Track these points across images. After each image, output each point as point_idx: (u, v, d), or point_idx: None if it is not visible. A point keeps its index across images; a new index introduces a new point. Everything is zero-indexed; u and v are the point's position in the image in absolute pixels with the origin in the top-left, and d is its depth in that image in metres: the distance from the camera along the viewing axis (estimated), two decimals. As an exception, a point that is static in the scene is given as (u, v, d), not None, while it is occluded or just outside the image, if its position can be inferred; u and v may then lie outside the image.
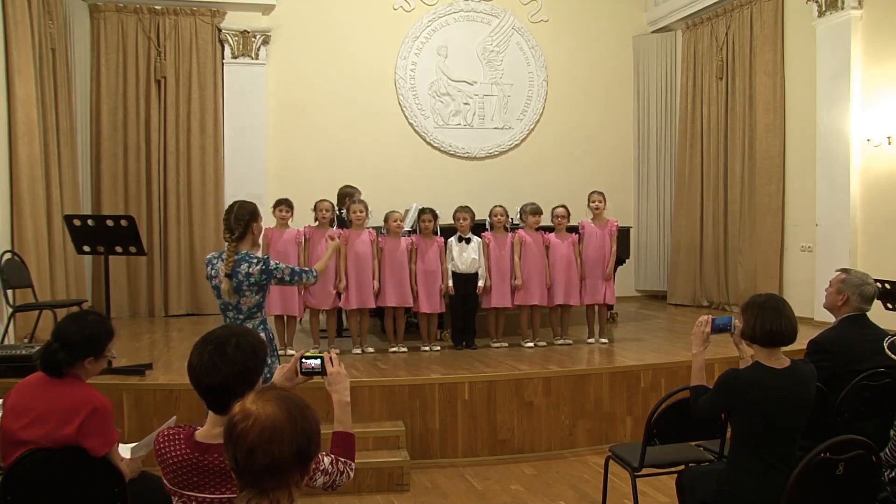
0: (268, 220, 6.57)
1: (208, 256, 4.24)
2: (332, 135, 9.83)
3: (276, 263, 4.13)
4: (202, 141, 9.31)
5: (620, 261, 8.10)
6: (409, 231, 7.25)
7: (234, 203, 4.20)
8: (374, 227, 6.89)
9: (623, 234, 8.05)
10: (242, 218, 4.10)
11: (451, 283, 6.80)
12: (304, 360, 2.58)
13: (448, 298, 6.89)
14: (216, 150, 9.36)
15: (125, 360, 5.94)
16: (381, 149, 9.96)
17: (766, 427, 3.10)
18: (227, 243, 4.10)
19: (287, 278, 4.16)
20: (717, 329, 3.50)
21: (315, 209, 6.65)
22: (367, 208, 6.68)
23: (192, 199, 9.30)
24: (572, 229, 7.19)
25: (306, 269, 4.37)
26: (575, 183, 9.78)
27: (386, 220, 6.79)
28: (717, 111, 9.70)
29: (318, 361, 2.56)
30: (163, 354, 6.55)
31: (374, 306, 6.69)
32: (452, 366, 6.12)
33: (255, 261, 4.05)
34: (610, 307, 7.91)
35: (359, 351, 6.66)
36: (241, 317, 4.07)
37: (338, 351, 2.44)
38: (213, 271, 4.12)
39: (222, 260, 4.09)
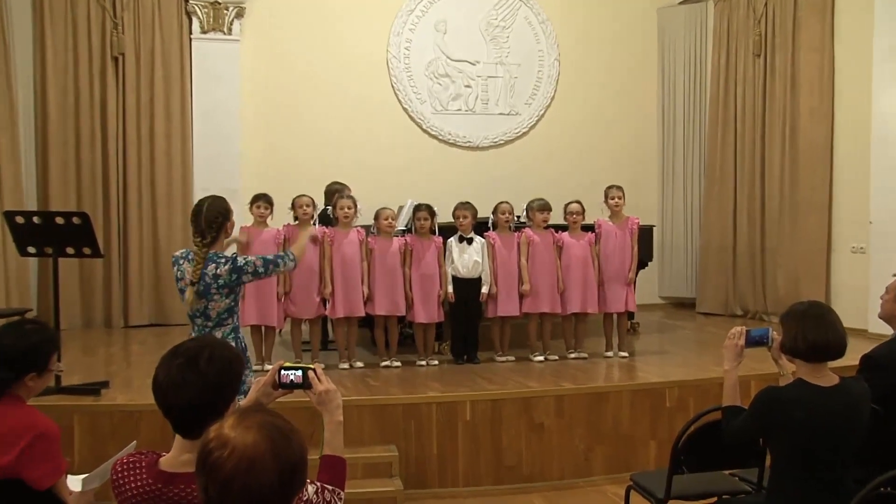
0: (244, 218, 6.62)
1: (174, 255, 4.23)
2: (316, 121, 9.82)
3: (245, 258, 4.11)
4: (167, 127, 9.28)
5: (643, 264, 8.09)
6: (403, 230, 7.24)
7: (202, 202, 4.17)
8: (363, 226, 6.88)
9: (645, 234, 8.05)
10: (215, 220, 4.09)
11: (450, 288, 6.80)
12: (283, 371, 2.57)
13: (447, 306, 6.88)
14: (183, 138, 9.34)
15: (77, 377, 5.92)
16: (371, 137, 9.95)
17: (810, 453, 3.09)
18: (196, 248, 4.08)
19: (261, 270, 4.14)
20: (753, 342, 3.50)
21: (293, 206, 6.64)
22: (355, 204, 6.68)
23: (156, 194, 9.28)
24: (588, 228, 7.19)
25: (281, 253, 4.34)
26: (590, 176, 9.77)
27: (376, 217, 6.79)
28: (754, 93, 9.70)
29: (298, 373, 2.55)
30: (121, 370, 6.53)
31: (363, 315, 6.69)
32: (452, 382, 6.11)
33: (222, 260, 4.05)
34: (631, 316, 7.90)
35: (346, 366, 6.65)
36: (209, 324, 4.06)
37: (322, 366, 2.44)
38: (179, 272, 4.12)
39: (189, 260, 4.08)
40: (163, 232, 9.28)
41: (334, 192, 7.58)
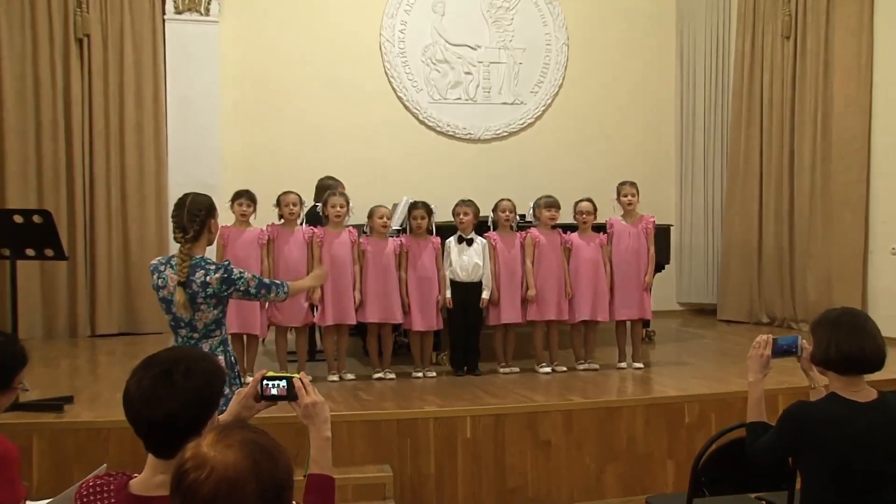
0: (224, 217, 6.59)
1: (152, 263, 4.25)
2: (303, 111, 9.83)
3: (241, 272, 4.13)
4: (138, 117, 9.27)
5: (659, 267, 8.09)
6: (399, 230, 7.24)
7: (186, 196, 4.21)
8: (355, 226, 6.88)
9: (662, 235, 8.05)
10: (198, 214, 4.11)
11: (449, 293, 6.80)
12: (265, 381, 2.56)
13: (446, 313, 6.87)
14: (157, 129, 9.32)
15: (37, 392, 5.88)
16: (362, 129, 9.96)
17: (845, 475, 3.08)
18: (179, 245, 4.08)
19: (253, 291, 4.17)
20: (780, 351, 3.49)
21: (278, 204, 6.64)
22: (347, 203, 6.67)
23: (126, 190, 9.26)
24: (599, 228, 7.19)
25: (277, 282, 4.36)
26: (602, 171, 9.77)
27: (370, 216, 6.78)
28: (783, 80, 9.68)
29: (283, 384, 2.55)
30: (87, 384, 6.50)
31: (354, 322, 6.69)
32: (451, 396, 6.11)
33: (213, 267, 4.06)
34: (646, 324, 7.90)
35: (336, 378, 6.65)
36: (195, 335, 4.07)
37: (310, 378, 2.42)
38: (160, 280, 4.12)
39: (171, 266, 4.09)
40: (134, 232, 9.27)
41: (326, 187, 7.57)
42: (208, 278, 4.04)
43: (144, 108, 9.30)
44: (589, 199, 7.13)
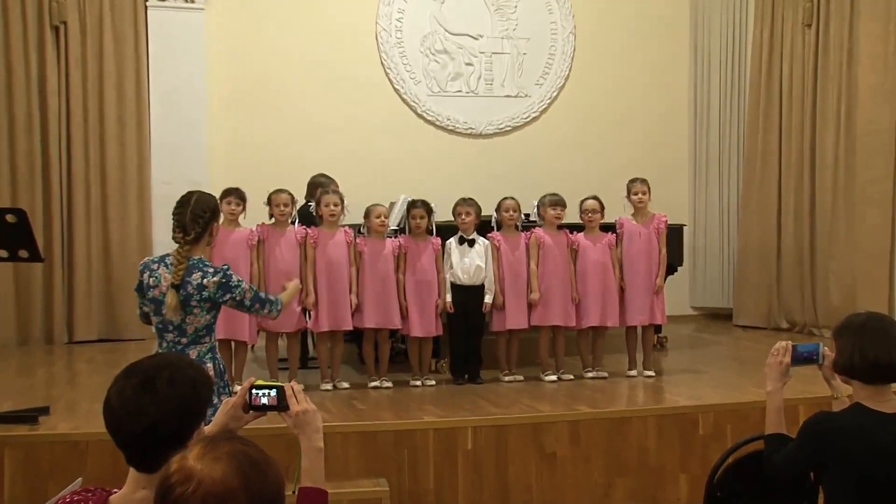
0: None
1: (145, 261, 4.28)
2: (294, 104, 9.82)
3: (240, 280, 4.18)
4: (119, 110, 9.26)
5: (671, 269, 8.08)
6: (396, 230, 7.24)
7: (191, 194, 4.25)
8: (350, 226, 6.88)
9: (674, 235, 8.04)
10: (202, 216, 4.15)
11: (449, 297, 6.80)
12: (254, 390, 2.56)
13: (446, 318, 6.88)
14: (139, 123, 9.31)
15: (10, 402, 5.88)
16: (357, 123, 9.96)
17: (870, 491, 3.08)
18: (177, 245, 4.09)
19: (248, 303, 4.20)
20: (801, 359, 3.49)
21: (269, 203, 6.64)
22: (342, 201, 6.67)
23: (106, 188, 9.25)
24: (607, 228, 7.20)
25: (272, 298, 4.37)
26: (611, 168, 9.78)
27: (367, 215, 6.79)
28: (804, 70, 9.67)
29: (273, 392, 2.56)
30: (64, 394, 6.49)
31: (350, 328, 6.69)
32: (451, 406, 6.11)
33: (211, 270, 4.07)
34: (658, 329, 7.90)
35: (329, 386, 6.65)
36: (183, 340, 4.07)
37: (302, 386, 2.43)
38: (152, 279, 4.13)
39: (166, 265, 4.09)
40: (115, 232, 9.25)
41: (318, 185, 7.58)
42: (205, 281, 4.05)
43: (126, 101, 9.29)
44: (595, 197, 7.12)
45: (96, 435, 4.86)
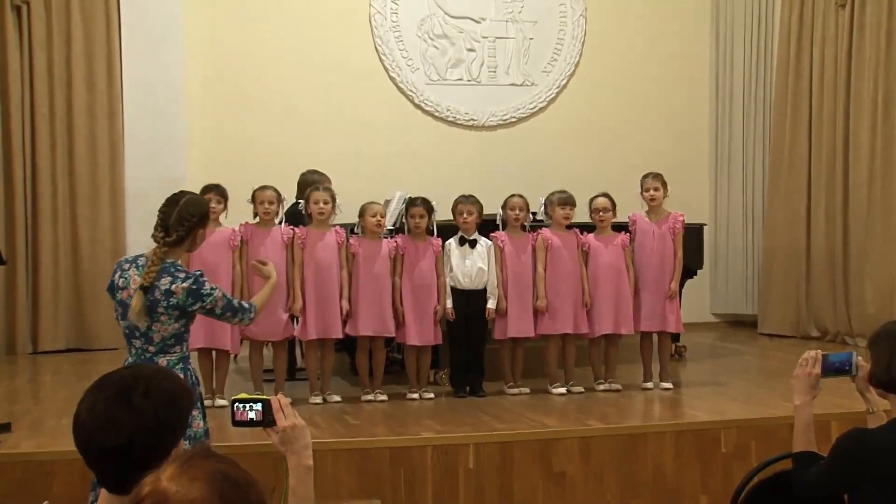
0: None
1: (119, 261, 4.26)
2: (282, 94, 9.83)
3: (212, 288, 4.16)
4: (90, 100, 9.25)
5: (690, 272, 8.09)
6: (392, 230, 7.24)
7: (181, 194, 4.26)
8: (342, 225, 6.89)
9: (693, 235, 8.05)
10: (188, 220, 4.15)
11: (449, 303, 6.80)
12: (238, 404, 2.57)
13: (445, 325, 6.88)
14: (111, 115, 9.31)
15: (-33, 420, 5.89)
16: (350, 114, 9.97)
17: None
18: (154, 245, 4.09)
19: (218, 312, 4.23)
20: (832, 370, 3.49)
21: (253, 200, 6.65)
22: (333, 199, 6.67)
23: (75, 186, 9.24)
24: (620, 228, 7.20)
25: (244, 305, 4.39)
26: (624, 163, 9.79)
27: (361, 214, 6.79)
28: (837, 56, 9.65)
29: (258, 406, 2.56)
30: (29, 410, 6.48)
31: (341, 336, 6.69)
32: (452, 420, 6.11)
33: (182, 275, 4.06)
34: (675, 338, 7.90)
35: (319, 399, 6.66)
36: (151, 349, 4.08)
37: (290, 400, 2.43)
38: (121, 280, 4.13)
39: (137, 267, 4.09)
40: (85, 233, 9.24)
41: (310, 183, 7.57)
42: (174, 286, 4.05)
43: (96, 90, 9.27)
44: (606, 195, 7.13)
45: (64, 454, 4.84)
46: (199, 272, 4.18)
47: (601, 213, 7.05)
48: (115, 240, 9.20)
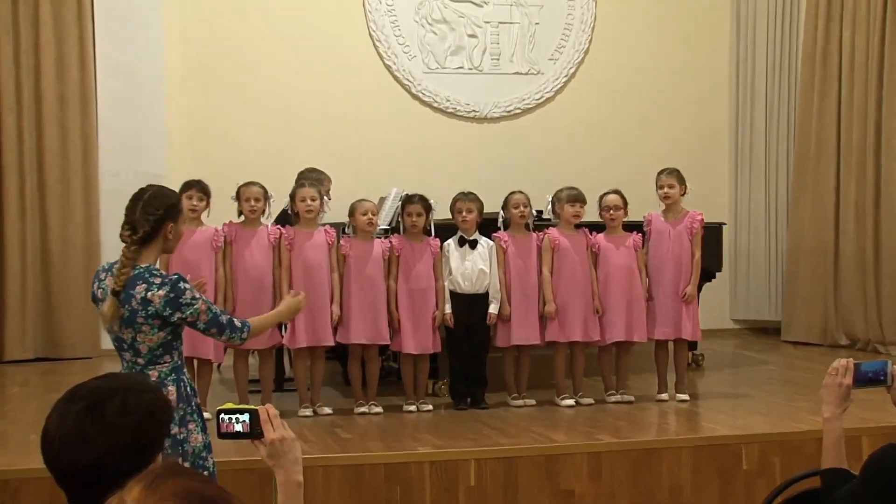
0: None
1: (97, 270, 4.22)
2: (268, 83, 9.83)
3: (193, 297, 4.01)
4: (60, 88, 9.23)
5: (709, 275, 8.09)
6: (387, 230, 7.25)
7: (147, 188, 4.18)
8: (332, 225, 6.89)
9: (712, 235, 8.05)
10: (153, 212, 4.07)
11: (448, 308, 6.81)
12: (223, 415, 2.57)
13: (445, 332, 6.89)
14: (84, 104, 9.28)
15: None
16: (342, 105, 9.97)
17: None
18: (123, 246, 4.05)
19: (201, 326, 4.06)
20: (865, 380, 3.48)
21: (238, 198, 6.64)
22: (320, 195, 6.67)
23: (44, 181, 9.23)
24: (631, 227, 7.21)
25: (236, 323, 4.21)
26: (637, 158, 9.81)
27: (352, 212, 6.80)
28: (868, 38, 9.63)
29: (245, 417, 2.56)
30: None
31: (332, 344, 6.71)
32: (451, 435, 6.12)
33: (157, 282, 3.98)
34: (693, 346, 7.90)
35: (309, 412, 6.66)
36: (140, 361, 4.02)
37: (277, 413, 2.43)
38: (100, 291, 4.08)
39: (111, 273, 4.05)
40: (55, 232, 9.23)
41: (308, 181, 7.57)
42: (150, 294, 3.97)
43: (67, 79, 9.25)
44: (616, 192, 7.13)
45: (32, 472, 4.84)
46: (176, 276, 4.05)
47: (612, 212, 7.05)
48: (87, 239, 9.17)
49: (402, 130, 10.12)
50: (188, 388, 4.12)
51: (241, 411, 2.58)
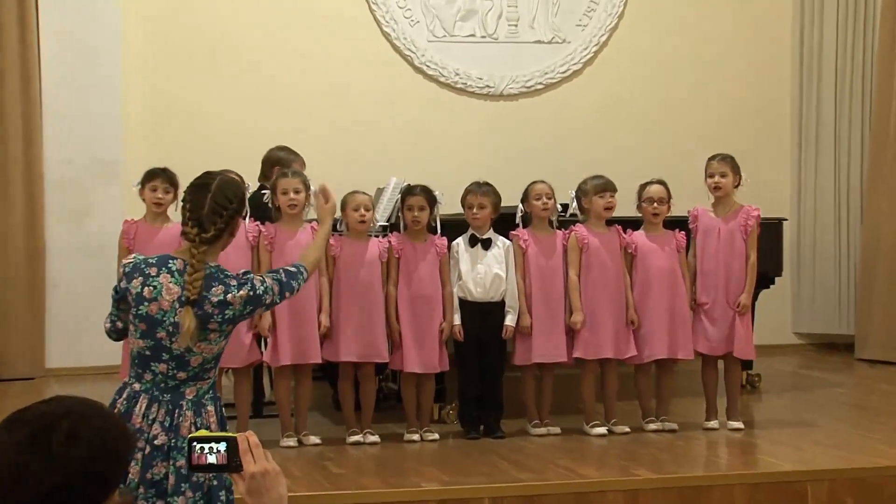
0: (133, 207, 6.55)
1: (133, 260, 4.16)
2: (245, 55, 9.86)
3: (262, 281, 4.13)
4: (-1, 62, 9.29)
5: (766, 281, 8.09)
6: (386, 227, 7.28)
7: (210, 176, 4.22)
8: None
9: (770, 234, 8.06)
10: (226, 205, 4.11)
11: (458, 319, 6.83)
12: (196, 444, 2.57)
13: (453, 347, 6.91)
14: (25, 81, 9.32)
15: None
16: (332, 79, 10.01)
17: None
18: (189, 245, 4.07)
19: (277, 298, 4.22)
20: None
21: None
22: (306, 186, 6.68)
23: (-22, 170, 9.29)
24: (676, 224, 7.22)
25: (291, 269, 4.34)
26: (680, 142, 9.85)
27: (343, 207, 6.80)
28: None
29: (221, 447, 2.56)
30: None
31: (320, 361, 6.73)
32: (461, 469, 6.14)
33: (234, 283, 4.02)
34: (747, 365, 7.89)
35: (293, 442, 6.68)
36: (181, 375, 4.03)
37: (258, 442, 2.44)
38: (147, 289, 4.03)
39: (171, 272, 4.04)
40: (-6, 229, 9.29)
41: (277, 162, 7.62)
42: (230, 296, 4.00)
43: (5, 49, 9.28)
44: (661, 182, 7.13)
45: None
46: (249, 273, 4.17)
47: (656, 205, 7.05)
48: (30, 236, 9.17)
49: (403, 110, 10.16)
50: (223, 411, 4.14)
51: (217, 439, 2.58)
